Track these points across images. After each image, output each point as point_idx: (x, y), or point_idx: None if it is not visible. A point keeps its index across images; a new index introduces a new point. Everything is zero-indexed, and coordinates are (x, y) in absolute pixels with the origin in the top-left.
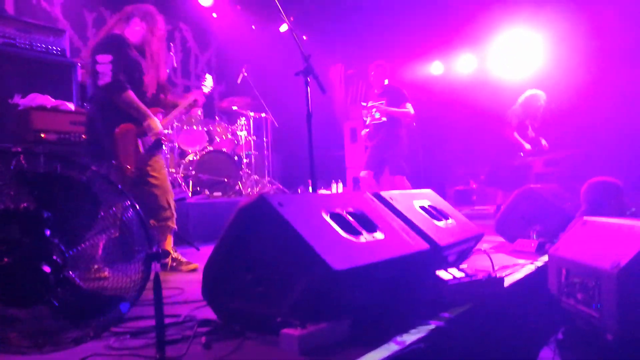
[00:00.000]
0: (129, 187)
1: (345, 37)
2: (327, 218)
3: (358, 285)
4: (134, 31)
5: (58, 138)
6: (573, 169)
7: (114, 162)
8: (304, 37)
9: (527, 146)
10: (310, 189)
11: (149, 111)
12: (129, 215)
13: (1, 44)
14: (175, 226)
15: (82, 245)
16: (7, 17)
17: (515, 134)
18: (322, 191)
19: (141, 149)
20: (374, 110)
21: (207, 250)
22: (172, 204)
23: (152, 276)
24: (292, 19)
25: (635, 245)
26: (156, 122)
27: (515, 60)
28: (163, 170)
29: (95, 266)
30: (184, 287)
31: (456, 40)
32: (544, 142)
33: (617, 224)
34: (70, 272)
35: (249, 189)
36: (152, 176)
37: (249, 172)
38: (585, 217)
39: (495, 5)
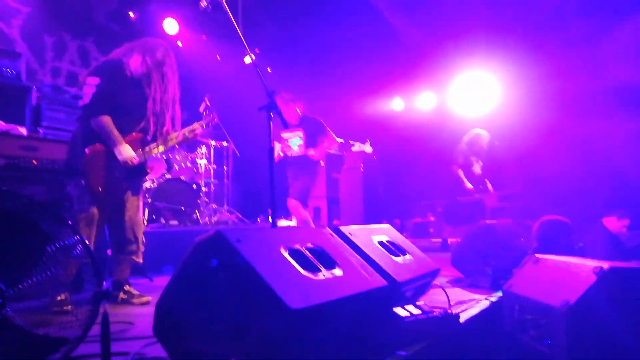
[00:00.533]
0: (107, 210)
1: (308, 72)
2: (286, 254)
3: (316, 323)
4: (136, 65)
5: (7, 163)
6: (525, 206)
7: (82, 182)
8: (269, 69)
9: (469, 185)
10: (270, 221)
11: (119, 138)
12: (77, 251)
13: None
14: (140, 260)
15: (26, 283)
16: None
17: (460, 172)
18: (283, 221)
19: (116, 173)
20: (290, 142)
21: (161, 282)
22: (141, 237)
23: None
24: (257, 51)
25: (584, 283)
26: (126, 150)
27: (473, 100)
28: (137, 202)
29: (61, 297)
30: (134, 321)
31: (417, 79)
32: (489, 184)
33: (567, 262)
34: (10, 311)
35: (207, 218)
36: (125, 206)
37: (208, 200)
38: (537, 255)
39: (454, 48)
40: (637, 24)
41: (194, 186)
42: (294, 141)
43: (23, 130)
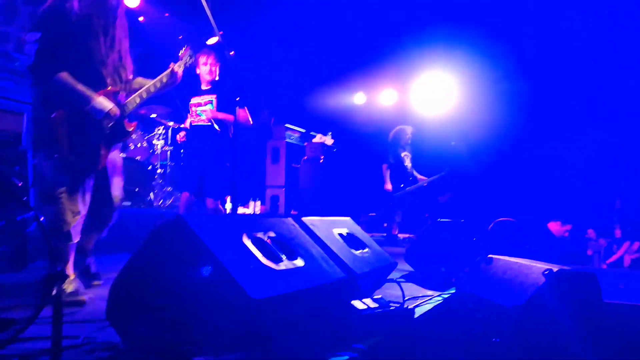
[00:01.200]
0: (88, 181)
1: (271, 61)
2: (249, 243)
3: (276, 314)
4: (80, 3)
5: None
6: (479, 204)
7: (56, 155)
8: (231, 53)
9: (388, 186)
10: (230, 207)
11: (88, 91)
12: (31, 228)
13: None
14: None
15: None
16: None
17: (384, 168)
18: (240, 209)
19: (92, 137)
20: (199, 109)
21: (111, 263)
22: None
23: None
24: (221, 32)
25: (534, 284)
26: (102, 103)
27: (432, 99)
28: (119, 172)
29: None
30: (86, 302)
31: (379, 75)
32: (417, 174)
33: (518, 264)
34: None
35: (161, 201)
36: (108, 175)
37: (163, 183)
38: (490, 255)
39: (416, 48)
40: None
41: (149, 167)
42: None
43: None
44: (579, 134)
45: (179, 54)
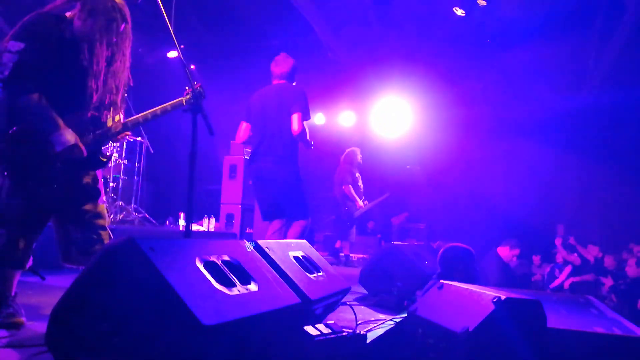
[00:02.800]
0: (46, 211)
1: (231, 76)
2: (201, 267)
3: (228, 340)
4: (78, 20)
5: None
6: (429, 227)
7: (5, 173)
8: (192, 67)
9: (361, 203)
10: (183, 223)
11: (56, 121)
12: None
13: None
14: None
15: None
16: None
17: (350, 188)
18: (194, 225)
19: (57, 165)
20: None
21: (54, 281)
22: (107, 234)
23: None
24: (182, 47)
25: (483, 311)
26: (66, 137)
27: (389, 122)
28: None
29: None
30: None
31: (340, 97)
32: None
33: (469, 290)
34: None
35: (112, 216)
36: (78, 203)
37: (114, 197)
38: (442, 281)
39: (373, 74)
40: (526, 60)
41: (102, 180)
42: None
43: None
44: (528, 159)
45: (186, 89)
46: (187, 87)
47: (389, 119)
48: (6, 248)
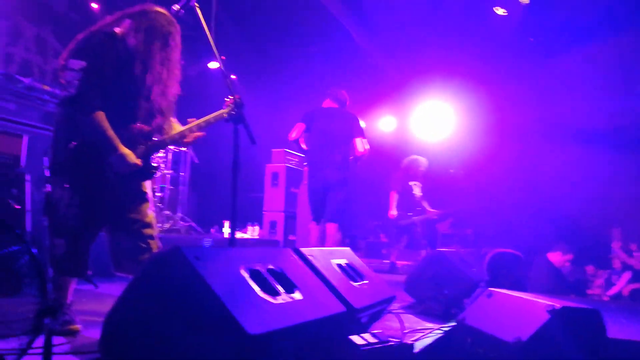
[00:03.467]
0: (104, 218)
1: (271, 86)
2: (246, 275)
3: (273, 349)
4: (131, 35)
5: None
6: (476, 233)
7: (65, 185)
8: (233, 77)
9: (393, 212)
10: (227, 231)
11: (116, 141)
12: (22, 261)
13: None
14: None
15: None
16: None
17: (395, 197)
18: (238, 233)
19: (111, 176)
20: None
21: (107, 289)
22: (155, 243)
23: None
24: (223, 57)
25: (537, 320)
26: (126, 158)
27: (430, 126)
28: (145, 206)
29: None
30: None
31: (379, 102)
32: (427, 205)
33: (520, 298)
34: None
35: (159, 225)
36: (128, 211)
37: (161, 206)
38: (490, 289)
39: (414, 77)
40: (576, 60)
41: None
42: None
43: None
44: (579, 163)
45: (226, 100)
46: (226, 99)
47: (430, 122)
48: (66, 257)
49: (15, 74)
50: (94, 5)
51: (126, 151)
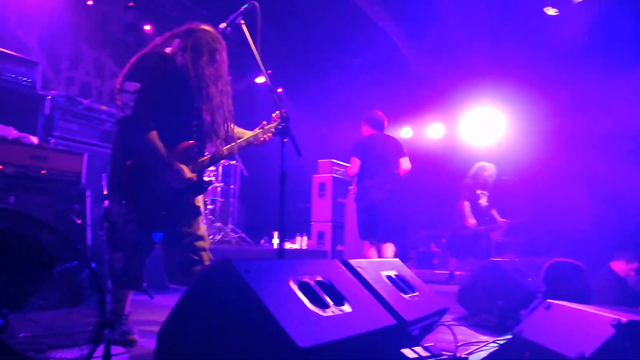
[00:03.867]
0: (157, 232)
1: (318, 96)
2: (295, 288)
3: None
4: (179, 54)
5: (16, 172)
6: (532, 241)
7: (123, 201)
8: (279, 90)
9: (471, 221)
10: (276, 242)
11: (170, 160)
12: (83, 275)
13: None
14: None
15: (29, 306)
16: None
17: (467, 206)
18: (287, 244)
19: (165, 192)
20: None
21: (162, 300)
22: (207, 255)
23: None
24: (269, 72)
25: (601, 335)
26: (180, 173)
27: (480, 133)
28: (197, 219)
29: None
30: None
31: (427, 109)
32: (496, 215)
33: (583, 311)
34: (9, 336)
35: (211, 237)
36: (181, 225)
37: (213, 218)
38: (549, 300)
39: (464, 82)
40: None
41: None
42: None
43: (34, 140)
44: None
45: (272, 116)
46: (273, 114)
47: (480, 129)
48: (124, 271)
49: (75, 96)
50: (147, 27)
51: (181, 166)
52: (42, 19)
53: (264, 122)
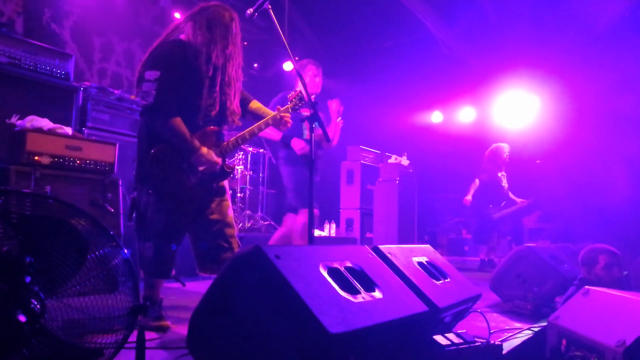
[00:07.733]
0: (185, 219)
1: (347, 82)
2: (325, 273)
3: (354, 349)
4: (194, 36)
5: (52, 162)
6: (566, 227)
7: (150, 190)
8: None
9: (468, 197)
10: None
11: (195, 143)
12: (116, 261)
13: (6, 63)
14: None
15: (65, 292)
16: (15, 38)
17: (475, 183)
18: (316, 231)
19: (191, 179)
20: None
21: (193, 286)
22: (236, 242)
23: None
24: (297, 58)
25: None
26: (206, 156)
27: (513, 116)
28: (224, 204)
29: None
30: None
31: (457, 93)
32: (512, 195)
33: (622, 297)
34: (49, 321)
35: (241, 224)
36: (208, 211)
37: (242, 206)
38: (587, 287)
39: (496, 65)
40: None
41: (230, 191)
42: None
43: (69, 130)
44: None
45: (288, 96)
46: (288, 95)
47: (512, 112)
48: (154, 259)
49: (108, 87)
50: (177, 16)
51: (206, 150)
52: (74, 12)
53: (278, 107)
